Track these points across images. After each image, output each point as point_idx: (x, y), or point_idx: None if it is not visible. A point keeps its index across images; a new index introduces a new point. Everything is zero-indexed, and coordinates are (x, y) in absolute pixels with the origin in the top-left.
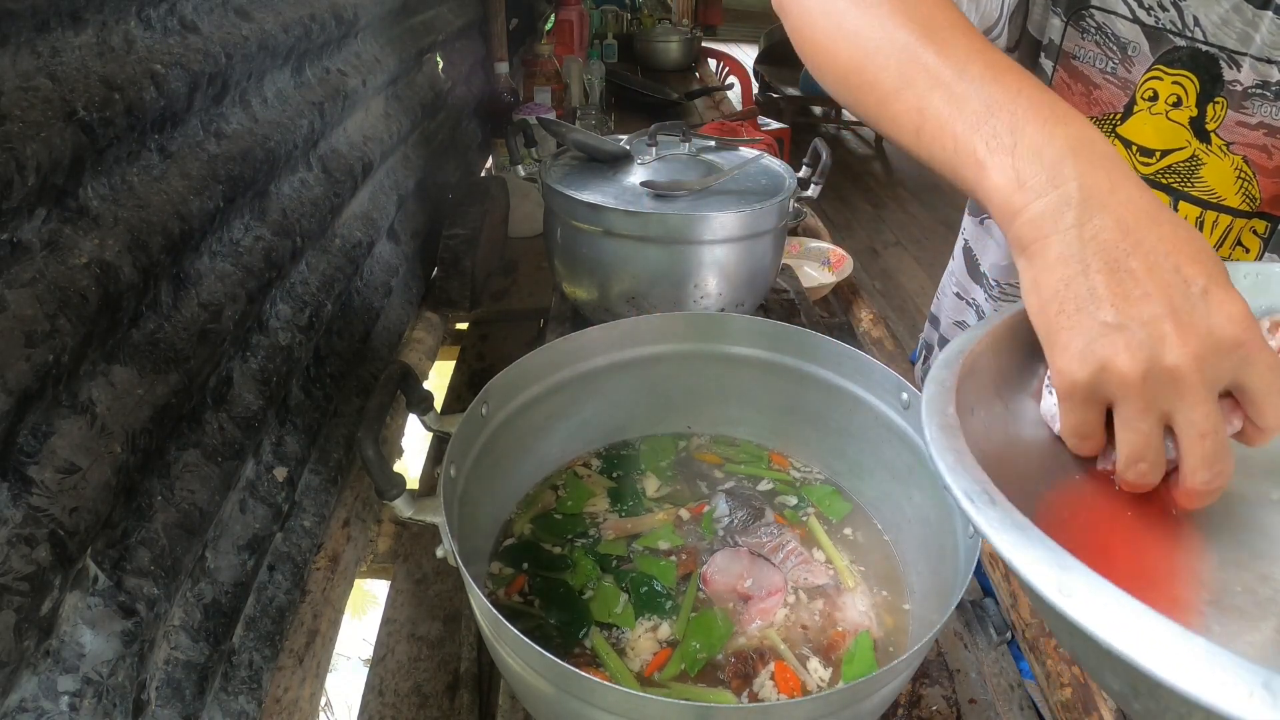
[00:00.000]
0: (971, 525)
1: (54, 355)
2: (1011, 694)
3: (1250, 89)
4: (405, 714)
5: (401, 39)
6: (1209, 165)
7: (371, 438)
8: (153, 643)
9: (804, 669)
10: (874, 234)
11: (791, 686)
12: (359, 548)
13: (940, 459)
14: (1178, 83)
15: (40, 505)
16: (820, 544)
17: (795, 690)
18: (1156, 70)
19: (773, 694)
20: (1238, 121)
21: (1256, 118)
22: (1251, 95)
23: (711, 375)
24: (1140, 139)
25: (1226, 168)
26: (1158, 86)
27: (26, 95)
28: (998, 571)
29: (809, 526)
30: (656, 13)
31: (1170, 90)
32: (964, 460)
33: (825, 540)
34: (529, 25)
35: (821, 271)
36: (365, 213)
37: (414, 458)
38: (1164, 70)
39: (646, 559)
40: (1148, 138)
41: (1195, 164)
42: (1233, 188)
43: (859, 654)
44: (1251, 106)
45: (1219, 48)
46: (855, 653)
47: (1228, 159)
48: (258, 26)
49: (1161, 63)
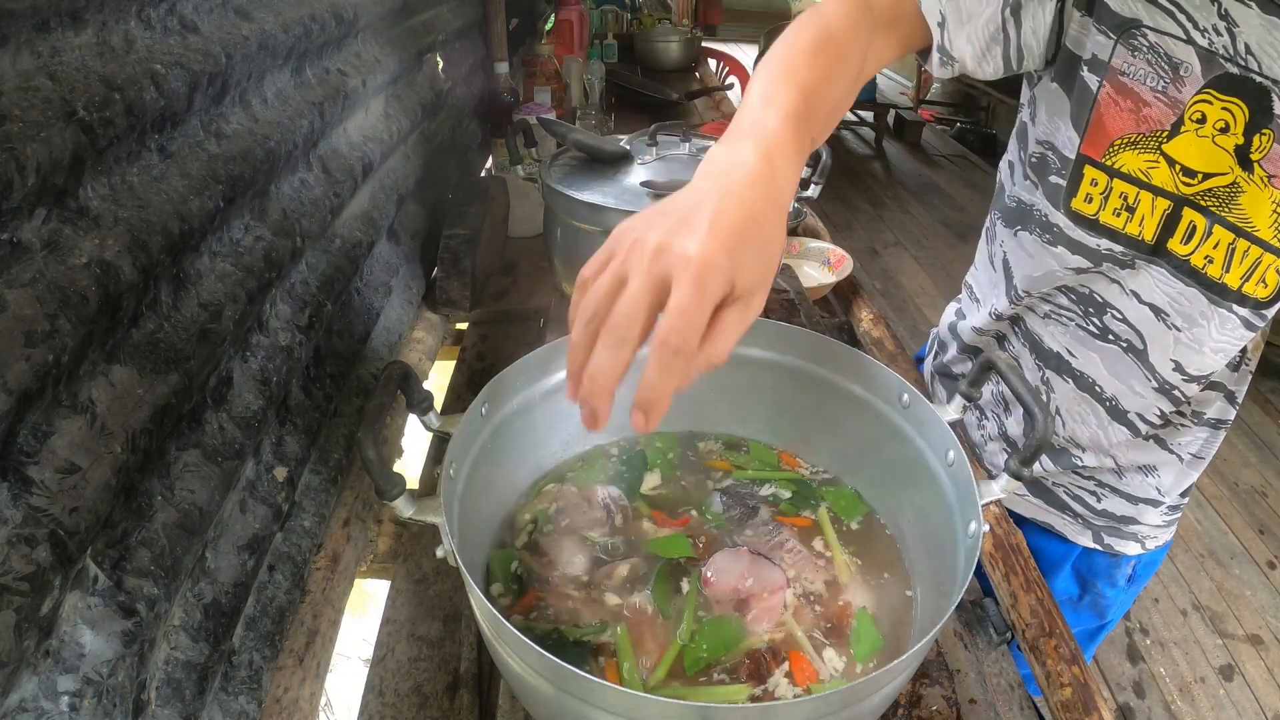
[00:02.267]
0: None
1: (54, 355)
2: (1011, 694)
3: None
4: (405, 714)
5: (401, 39)
6: (1249, 194)
7: (371, 438)
8: (153, 643)
9: (819, 659)
10: (874, 234)
11: (808, 677)
12: (359, 548)
13: None
14: (1227, 109)
15: (40, 505)
16: (826, 539)
17: (812, 680)
18: (1207, 94)
19: (789, 689)
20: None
21: None
22: None
23: (711, 375)
24: (1184, 159)
25: (1265, 199)
26: (1207, 110)
27: (26, 95)
28: (998, 571)
29: (818, 518)
30: (656, 13)
31: (1219, 115)
32: None
33: (831, 536)
34: (529, 25)
35: (821, 271)
36: (365, 213)
37: (414, 458)
38: (1215, 95)
39: (657, 542)
40: (1192, 159)
41: (1235, 190)
42: (1268, 220)
43: (863, 631)
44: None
45: (1273, 80)
46: (859, 631)
47: (1268, 191)
48: (258, 26)
49: (1213, 87)
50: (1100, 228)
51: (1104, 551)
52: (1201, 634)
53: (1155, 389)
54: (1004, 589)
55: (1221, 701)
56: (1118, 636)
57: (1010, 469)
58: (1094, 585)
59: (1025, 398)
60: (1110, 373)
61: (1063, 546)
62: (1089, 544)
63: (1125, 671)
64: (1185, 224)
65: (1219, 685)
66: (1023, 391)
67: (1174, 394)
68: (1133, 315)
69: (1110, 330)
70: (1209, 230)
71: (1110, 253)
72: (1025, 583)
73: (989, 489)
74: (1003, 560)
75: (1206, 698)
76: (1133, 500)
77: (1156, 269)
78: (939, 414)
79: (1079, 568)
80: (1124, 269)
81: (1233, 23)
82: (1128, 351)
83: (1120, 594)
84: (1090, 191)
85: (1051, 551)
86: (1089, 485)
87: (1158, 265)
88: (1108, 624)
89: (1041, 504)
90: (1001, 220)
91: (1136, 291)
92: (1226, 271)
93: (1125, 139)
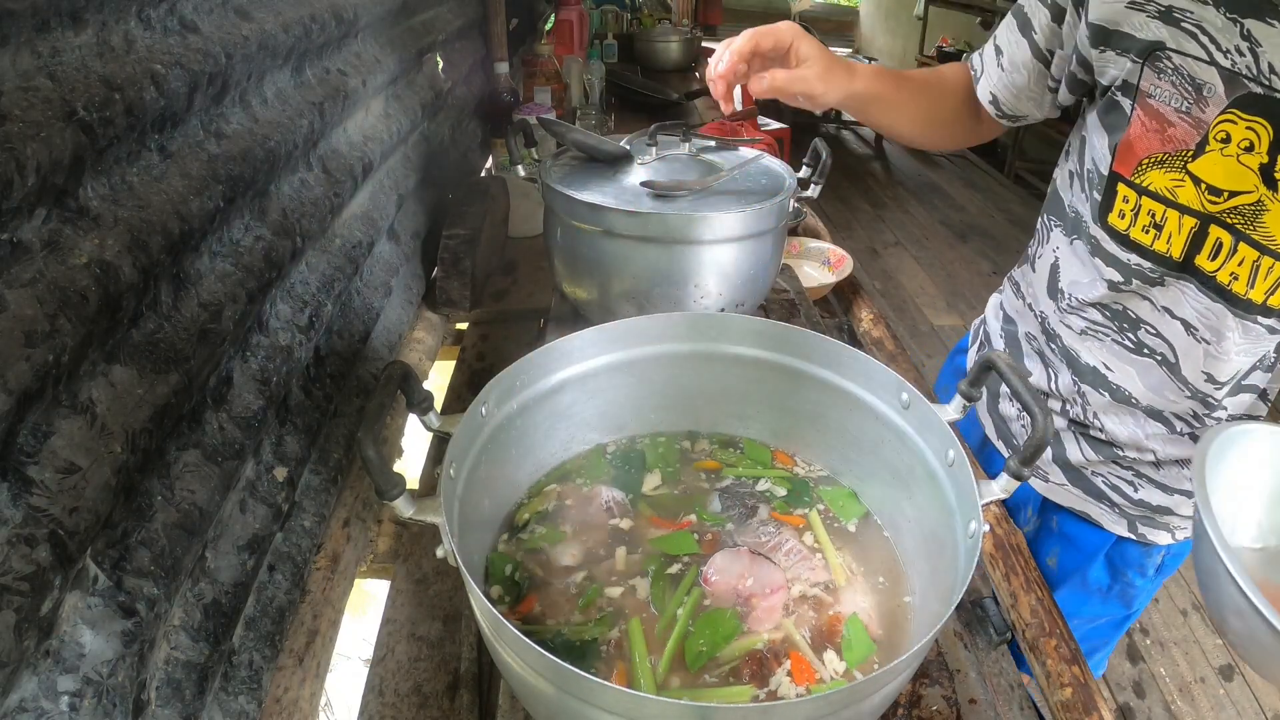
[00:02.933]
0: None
1: (54, 355)
2: (1011, 694)
3: None
4: (405, 714)
5: (401, 39)
6: (1272, 211)
7: (371, 438)
8: (153, 643)
9: (819, 661)
10: (874, 234)
11: (808, 678)
12: (359, 548)
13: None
14: (1251, 128)
15: (40, 505)
16: (818, 539)
17: (811, 681)
18: (1231, 114)
19: (790, 689)
20: None
21: None
22: None
23: (711, 375)
24: (1209, 178)
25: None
26: (1231, 129)
27: (26, 95)
28: (998, 571)
29: (809, 519)
30: (656, 13)
31: (1243, 135)
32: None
33: (823, 535)
34: (529, 25)
35: (821, 271)
36: (365, 213)
37: (414, 458)
38: (1239, 114)
39: (661, 539)
40: (1217, 177)
41: (1260, 209)
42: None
43: (854, 638)
44: None
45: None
46: (851, 638)
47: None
48: (258, 26)
49: (1236, 106)
50: (1131, 243)
51: (1137, 541)
52: (1201, 634)
53: (1189, 397)
54: (1004, 589)
55: (1221, 701)
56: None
57: (1010, 469)
58: (1125, 575)
59: (1025, 397)
60: (1146, 385)
61: (1098, 535)
62: (1124, 533)
63: (1125, 671)
64: (1212, 241)
65: (1219, 685)
66: (1022, 391)
67: (1208, 400)
68: (1165, 330)
69: (1145, 345)
70: (1234, 247)
71: (1140, 268)
72: (1025, 583)
73: (989, 489)
74: (1003, 560)
75: (1206, 698)
76: (1168, 491)
77: (1185, 284)
78: (939, 414)
79: (1112, 557)
80: (1154, 286)
81: (1255, 43)
82: (1161, 365)
83: (1148, 584)
84: (1123, 208)
85: (1087, 540)
86: (1127, 475)
87: (1186, 281)
88: (1133, 614)
89: (1080, 493)
90: (1061, 228)
91: (1168, 308)
92: (1251, 288)
93: (1152, 158)
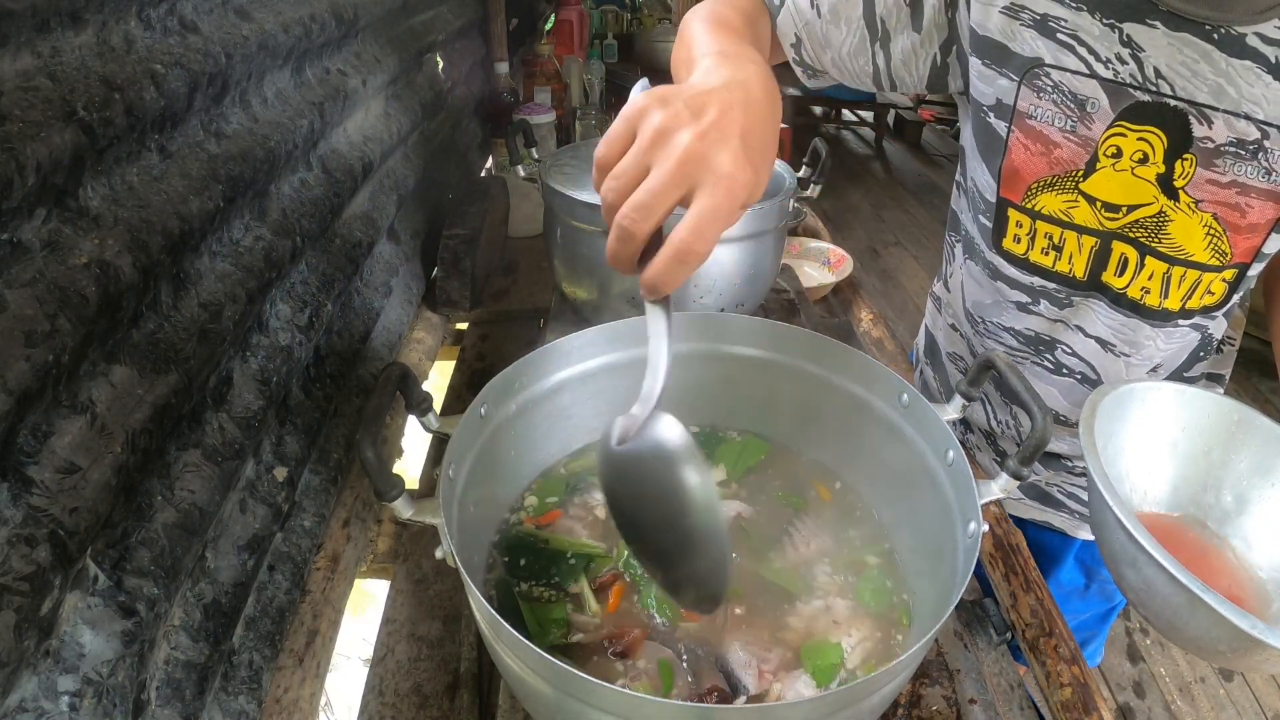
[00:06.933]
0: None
1: (54, 355)
2: (1011, 694)
3: (1223, 146)
4: (405, 714)
5: (401, 39)
6: (1176, 222)
7: (370, 439)
8: (153, 643)
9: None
10: (874, 234)
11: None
12: (359, 548)
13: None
14: (1143, 139)
15: (40, 505)
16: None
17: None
18: (1119, 126)
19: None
20: (1208, 179)
21: (1229, 176)
22: (1224, 153)
23: (711, 375)
24: (1104, 195)
25: (1195, 225)
26: (1121, 143)
27: (26, 95)
28: (998, 571)
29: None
30: (657, 13)
31: (1135, 147)
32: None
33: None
34: (529, 25)
35: (821, 271)
36: (365, 213)
37: (414, 458)
38: (1128, 126)
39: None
40: (1112, 194)
41: (1163, 219)
42: (1202, 244)
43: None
44: (1223, 164)
45: (1189, 102)
46: (814, 648)
47: (1196, 216)
48: (258, 26)
49: (1124, 119)
50: (1032, 266)
51: None
52: None
53: None
54: (1004, 589)
55: (1221, 701)
56: (1117, 636)
57: (1010, 469)
58: (1098, 573)
59: (1024, 397)
60: (1071, 402)
61: (1063, 540)
62: (1087, 536)
63: (1125, 671)
64: (1116, 257)
65: (1219, 685)
66: (1021, 391)
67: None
68: (1081, 349)
69: (1063, 365)
70: (1141, 262)
71: (1045, 289)
72: (1025, 583)
73: (989, 489)
74: (1003, 560)
75: (1206, 698)
76: None
77: (1095, 301)
78: (938, 414)
79: (1081, 558)
80: (1063, 307)
81: (1137, 48)
82: (1083, 382)
83: None
84: (1017, 233)
85: (1053, 546)
86: (1081, 482)
87: (1095, 299)
88: (1117, 605)
89: (1038, 505)
90: (961, 245)
91: (1081, 326)
92: (1165, 298)
93: (1041, 182)
